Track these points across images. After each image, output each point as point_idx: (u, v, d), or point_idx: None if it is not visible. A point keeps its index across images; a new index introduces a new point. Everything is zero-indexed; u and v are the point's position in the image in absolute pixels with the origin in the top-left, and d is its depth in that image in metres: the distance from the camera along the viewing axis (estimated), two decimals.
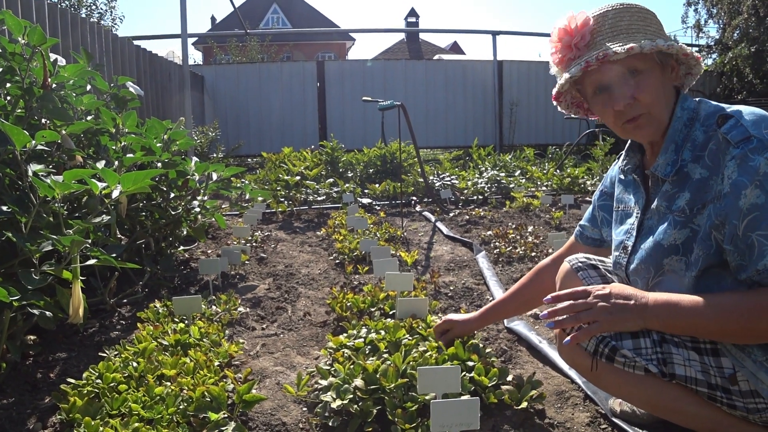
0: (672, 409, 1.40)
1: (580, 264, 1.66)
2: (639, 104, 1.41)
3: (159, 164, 3.19)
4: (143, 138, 3.13)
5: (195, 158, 3.97)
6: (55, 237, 1.88)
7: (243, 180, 6.75)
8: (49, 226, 2.11)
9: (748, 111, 1.30)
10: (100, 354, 2.32)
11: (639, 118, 1.44)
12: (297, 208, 5.77)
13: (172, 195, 3.45)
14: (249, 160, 11.27)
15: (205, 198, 3.65)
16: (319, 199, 5.86)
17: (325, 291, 3.39)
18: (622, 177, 1.70)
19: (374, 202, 6.08)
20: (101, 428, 1.69)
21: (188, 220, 3.67)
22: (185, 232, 3.89)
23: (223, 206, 4.65)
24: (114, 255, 2.69)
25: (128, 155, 2.87)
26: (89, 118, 3.08)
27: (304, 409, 2.01)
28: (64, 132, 2.50)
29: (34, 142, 2.05)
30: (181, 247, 4.06)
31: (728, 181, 1.26)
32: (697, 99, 1.46)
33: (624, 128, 1.48)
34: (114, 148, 2.97)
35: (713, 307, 1.29)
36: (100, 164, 2.77)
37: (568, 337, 1.40)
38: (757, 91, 12.87)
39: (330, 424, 1.81)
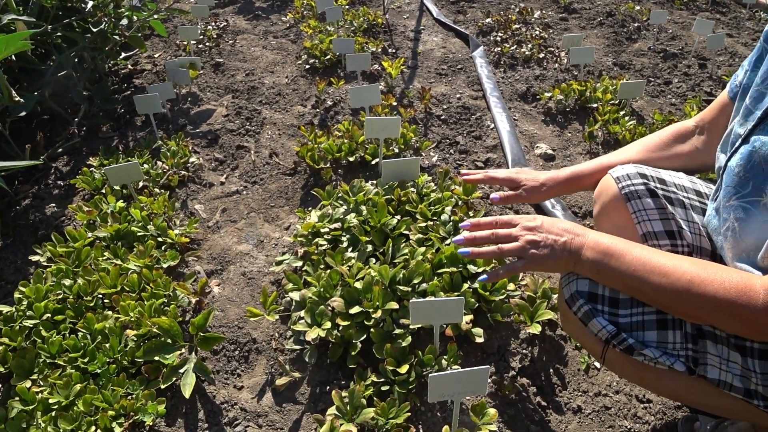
0: (697, 402, 1.11)
1: (632, 187, 1.18)
2: None
3: None
4: None
5: None
6: None
7: None
8: None
9: None
10: (31, 257, 1.94)
11: None
12: None
13: (90, 4, 2.67)
14: None
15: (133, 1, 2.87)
16: None
17: (295, 112, 2.88)
18: None
19: None
20: (39, 392, 1.42)
21: (118, 31, 2.93)
22: (122, 40, 3.17)
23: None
24: (22, 113, 2.15)
25: None
26: None
27: (277, 317, 1.72)
28: None
29: None
30: (122, 55, 3.37)
31: None
32: None
33: None
34: None
35: (666, 274, 0.97)
36: None
37: (485, 275, 1.17)
38: None
39: (306, 359, 1.53)
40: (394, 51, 3.44)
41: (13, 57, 2.51)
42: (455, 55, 3.35)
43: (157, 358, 1.49)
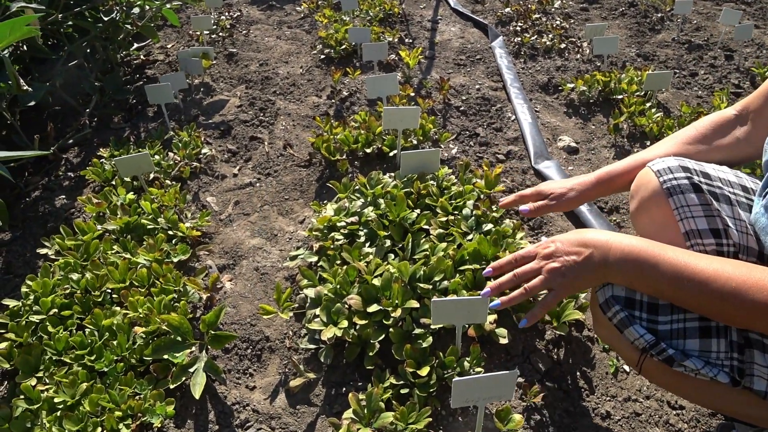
0: (738, 413, 1.04)
1: (675, 181, 1.10)
2: None
3: None
4: None
5: None
6: None
7: None
8: None
9: None
10: (39, 250, 1.90)
11: None
12: None
13: None
14: None
15: None
16: None
17: (310, 103, 2.81)
18: None
19: None
20: (44, 391, 1.37)
21: (130, 21, 2.87)
22: (135, 30, 3.11)
23: None
24: (32, 103, 2.10)
25: None
26: None
27: (291, 315, 1.65)
28: None
29: None
30: (135, 45, 3.31)
31: None
32: None
33: None
34: None
35: (707, 282, 0.90)
36: None
37: (524, 319, 1.13)
38: None
39: (321, 359, 1.47)
40: (410, 41, 3.35)
41: (25, 47, 2.47)
42: (474, 45, 3.26)
43: (166, 356, 1.43)
